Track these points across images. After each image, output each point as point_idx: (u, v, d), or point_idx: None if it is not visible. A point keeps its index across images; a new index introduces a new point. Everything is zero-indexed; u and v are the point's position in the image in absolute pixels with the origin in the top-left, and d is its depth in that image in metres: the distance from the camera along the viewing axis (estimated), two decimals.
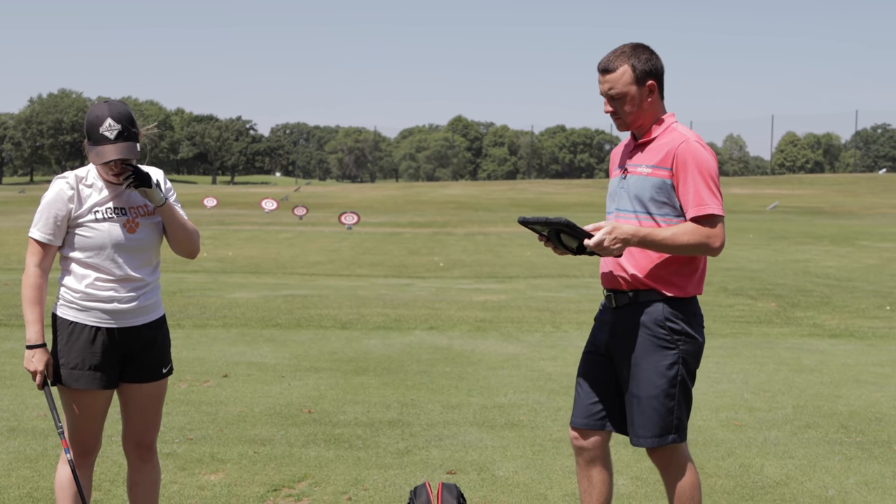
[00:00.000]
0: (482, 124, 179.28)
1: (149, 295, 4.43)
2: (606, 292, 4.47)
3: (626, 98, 4.28)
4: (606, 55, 4.34)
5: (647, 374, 4.26)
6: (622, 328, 4.35)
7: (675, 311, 4.28)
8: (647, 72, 4.28)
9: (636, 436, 4.34)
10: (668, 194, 4.24)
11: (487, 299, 15.45)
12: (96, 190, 4.34)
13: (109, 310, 4.32)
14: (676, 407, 4.29)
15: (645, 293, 4.29)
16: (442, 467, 6.29)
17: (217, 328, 11.91)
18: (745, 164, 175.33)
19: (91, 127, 4.21)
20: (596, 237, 4.07)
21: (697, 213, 4.17)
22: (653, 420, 4.27)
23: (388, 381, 8.90)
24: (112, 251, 4.30)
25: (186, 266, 19.91)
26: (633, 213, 4.30)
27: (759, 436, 7.15)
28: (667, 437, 4.28)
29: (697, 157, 4.19)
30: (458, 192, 78.87)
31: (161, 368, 4.53)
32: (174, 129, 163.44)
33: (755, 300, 15.64)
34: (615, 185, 4.46)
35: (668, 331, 4.26)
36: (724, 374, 9.38)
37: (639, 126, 4.37)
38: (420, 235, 33.74)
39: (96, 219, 4.30)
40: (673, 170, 4.21)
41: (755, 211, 55.78)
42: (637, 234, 4.12)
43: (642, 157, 4.33)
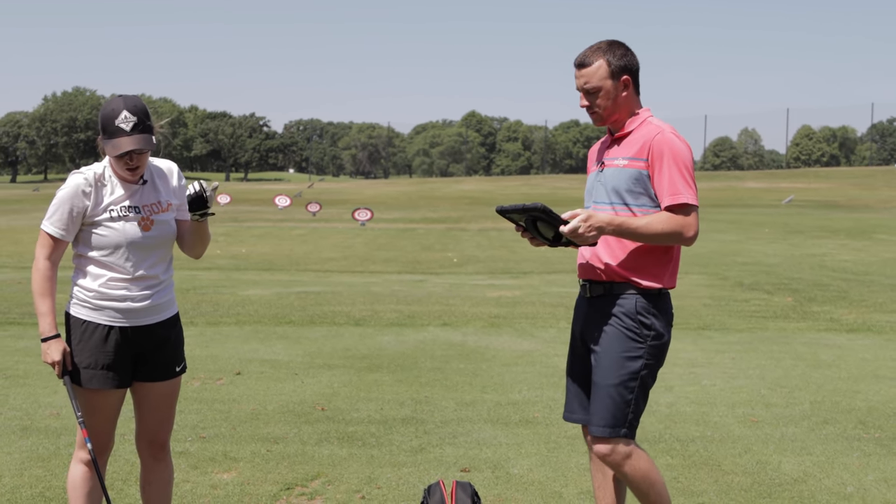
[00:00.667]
0: (496, 119, 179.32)
1: (162, 293, 4.40)
2: (582, 282, 4.47)
3: (601, 92, 4.33)
4: (582, 51, 4.39)
5: (610, 362, 4.27)
6: (594, 318, 4.37)
7: (648, 305, 4.28)
8: (623, 67, 4.32)
9: (591, 423, 4.31)
10: (644, 185, 4.26)
11: (501, 295, 15.38)
12: (111, 188, 4.31)
13: (123, 308, 4.28)
14: (633, 401, 4.27)
15: (619, 285, 4.31)
16: (456, 465, 6.24)
17: (230, 325, 11.88)
18: (760, 157, 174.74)
19: (106, 120, 4.18)
20: (571, 224, 4.08)
21: (672, 201, 4.20)
22: (609, 409, 4.25)
23: (401, 378, 8.85)
24: (127, 250, 4.27)
25: (200, 263, 19.87)
26: (609, 204, 4.32)
27: (776, 432, 7.08)
28: (619, 429, 4.24)
29: (672, 147, 4.23)
30: (471, 188, 78.85)
31: (174, 367, 4.50)
32: (188, 126, 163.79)
33: (771, 295, 15.53)
34: (592, 180, 4.51)
35: (639, 324, 4.27)
36: (741, 370, 9.30)
37: (614, 121, 4.41)
38: (434, 231, 33.70)
39: (111, 217, 4.26)
40: (649, 160, 4.24)
41: (771, 205, 55.59)
42: (612, 221, 4.15)
43: (619, 151, 4.37)
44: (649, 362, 4.29)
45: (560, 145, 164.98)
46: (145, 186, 4.37)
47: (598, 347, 4.32)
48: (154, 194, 4.39)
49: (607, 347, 4.28)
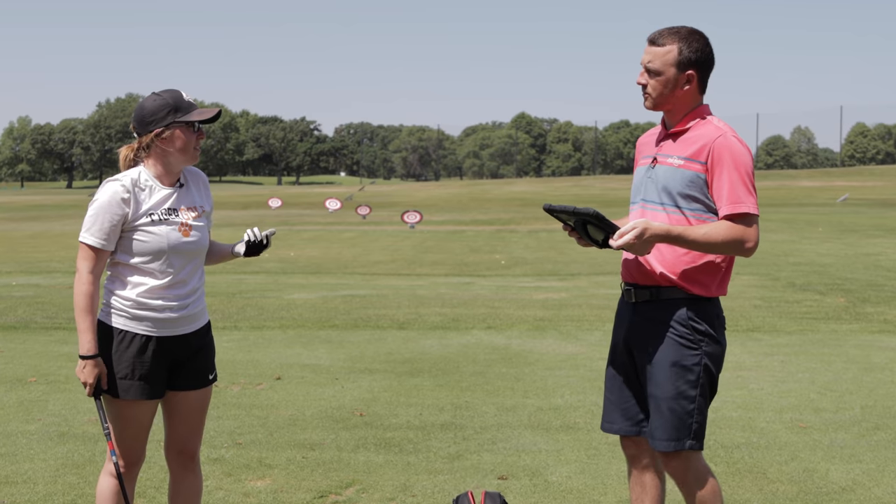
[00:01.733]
0: (546, 121, 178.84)
1: (197, 302, 4.34)
2: (625, 286, 4.26)
3: (661, 77, 4.08)
4: (661, 28, 4.15)
5: (665, 373, 4.07)
6: (642, 325, 4.17)
7: (699, 311, 4.08)
8: (693, 60, 4.08)
9: (653, 438, 4.13)
10: (699, 188, 4.04)
11: (548, 297, 15.23)
12: (150, 192, 4.24)
13: (161, 318, 4.21)
14: (696, 411, 4.08)
15: (667, 290, 4.10)
16: (493, 472, 6.13)
17: (274, 330, 11.85)
18: (813, 156, 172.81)
19: (176, 100, 4.20)
20: (625, 238, 3.87)
21: (732, 210, 3.97)
22: (671, 422, 4.07)
23: (442, 382, 8.75)
24: (168, 256, 4.20)
25: (247, 267, 19.95)
26: (660, 205, 4.11)
27: (824, 438, 6.88)
28: (684, 441, 4.07)
29: (734, 152, 4.00)
30: (522, 189, 78.65)
31: (207, 375, 4.43)
32: (239, 131, 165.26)
33: (824, 295, 15.23)
34: (642, 175, 4.26)
35: (692, 330, 4.07)
36: (790, 374, 9.08)
37: (668, 110, 4.18)
38: (483, 233, 33.57)
39: (153, 221, 4.19)
40: (707, 164, 4.00)
41: (825, 203, 54.82)
42: (670, 232, 3.93)
43: (673, 148, 4.13)
44: (707, 368, 4.10)
45: (611, 146, 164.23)
46: (182, 189, 4.32)
47: (649, 357, 4.13)
48: (191, 198, 4.34)
49: (661, 357, 4.09)
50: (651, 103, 4.16)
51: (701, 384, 4.08)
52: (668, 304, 4.09)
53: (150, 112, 4.20)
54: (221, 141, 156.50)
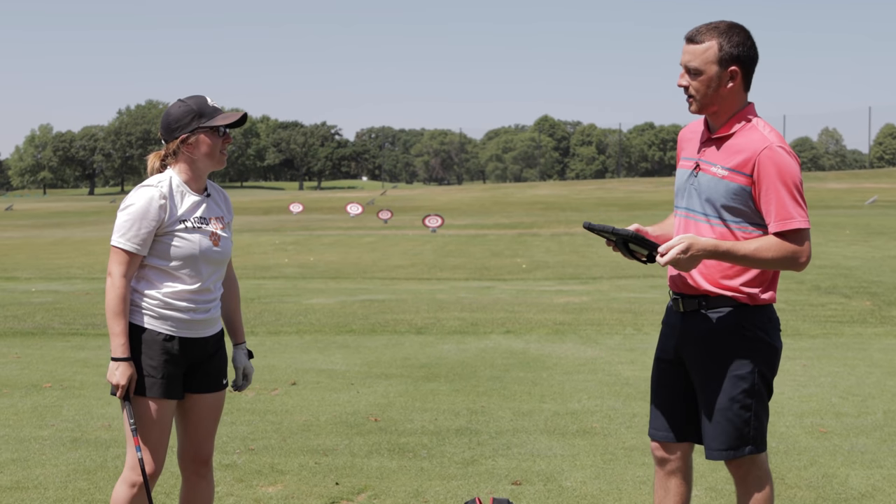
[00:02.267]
0: (569, 123, 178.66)
1: (216, 307, 4.40)
2: (674, 295, 4.16)
3: (703, 76, 3.92)
4: (698, 26, 3.99)
5: (721, 383, 3.99)
6: (693, 334, 4.07)
7: (748, 318, 3.98)
8: (735, 56, 3.91)
9: (709, 448, 4.06)
10: (744, 201, 3.91)
11: (568, 301, 15.13)
12: (181, 199, 4.26)
13: (186, 319, 4.24)
14: (753, 418, 4.01)
15: (715, 299, 4.00)
16: (507, 478, 6.05)
17: (290, 335, 11.81)
18: (842, 157, 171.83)
19: (200, 106, 4.23)
20: (669, 255, 3.79)
21: (783, 227, 3.85)
22: (727, 432, 4.00)
23: (458, 387, 8.67)
24: (199, 262, 4.24)
25: (266, 272, 19.95)
26: (703, 215, 3.99)
27: (845, 443, 6.75)
28: (743, 448, 4.00)
29: (781, 165, 3.84)
30: (545, 193, 78.56)
31: (222, 379, 4.45)
32: (260, 137, 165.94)
33: (849, 299, 15.06)
34: (684, 180, 4.12)
35: (743, 338, 3.97)
36: (812, 378, 8.95)
37: (712, 112, 4.00)
38: (504, 237, 33.49)
39: (187, 228, 4.22)
40: (753, 177, 3.86)
41: (853, 206, 54.46)
42: (718, 247, 3.82)
43: (717, 156, 3.97)
44: (762, 374, 4.02)
45: (635, 148, 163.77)
46: (209, 199, 4.37)
47: (701, 367, 4.05)
48: (218, 209, 4.40)
49: (713, 367, 4.01)
50: (697, 106, 4.00)
51: (756, 391, 4.01)
52: (717, 314, 4.01)
53: (176, 118, 4.24)
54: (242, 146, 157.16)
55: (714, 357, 4.01)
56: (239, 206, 74.38)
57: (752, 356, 3.99)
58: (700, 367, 4.06)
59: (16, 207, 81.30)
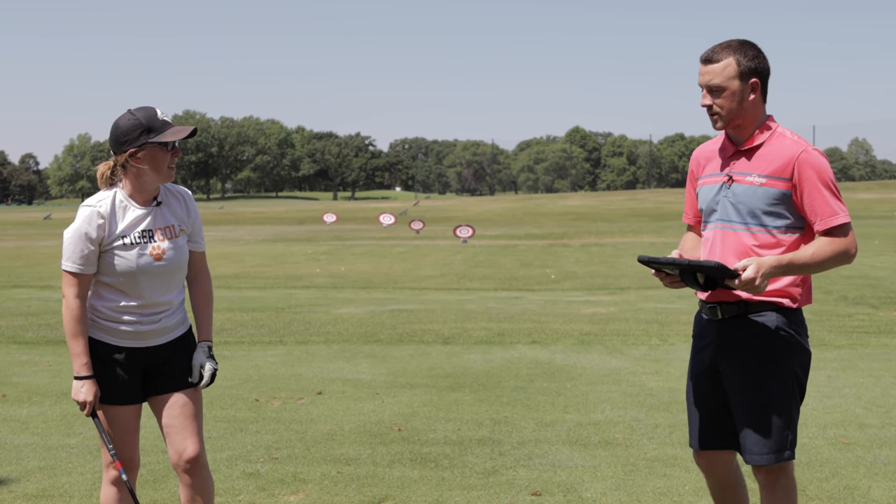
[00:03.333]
0: (600, 134, 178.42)
1: (171, 316, 4.43)
2: (710, 305, 4.20)
3: (726, 92, 4.04)
4: (711, 47, 4.12)
5: (762, 388, 4.06)
6: (732, 341, 4.14)
7: (787, 322, 4.08)
8: (753, 69, 4.05)
9: (751, 453, 4.09)
10: (784, 205, 4.03)
11: (595, 312, 15.14)
12: (124, 213, 4.32)
13: (131, 332, 4.33)
14: (792, 422, 4.09)
15: (756, 305, 4.07)
16: (528, 488, 6.08)
17: (318, 344, 11.88)
18: (871, 168, 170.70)
19: (149, 120, 4.24)
20: (746, 275, 3.82)
21: (830, 224, 4.00)
22: (769, 436, 4.05)
23: (483, 397, 8.71)
24: (139, 278, 4.30)
25: (297, 282, 20.07)
26: (743, 224, 4.07)
27: (868, 455, 6.74)
28: (783, 453, 4.07)
29: (819, 166, 4.00)
30: (577, 203, 78.43)
31: (186, 377, 4.46)
32: (295, 147, 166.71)
33: (876, 309, 14.98)
34: (714, 194, 4.19)
35: (783, 342, 4.06)
36: (836, 389, 8.92)
37: (737, 126, 4.11)
38: (534, 248, 33.48)
39: (124, 245, 4.28)
40: (794, 181, 3.99)
41: (883, 216, 54.05)
42: (780, 263, 3.91)
43: (751, 166, 4.07)
44: (799, 378, 4.11)
45: (665, 159, 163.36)
46: (159, 208, 4.40)
47: (741, 373, 4.11)
48: (168, 217, 4.41)
49: (754, 371, 4.08)
50: (723, 122, 4.11)
51: (794, 395, 4.10)
52: (758, 318, 4.08)
53: (124, 132, 4.25)
54: (277, 157, 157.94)
55: (756, 361, 4.08)
56: (273, 216, 74.73)
57: (792, 359, 4.08)
58: (740, 373, 4.11)
59: (54, 217, 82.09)
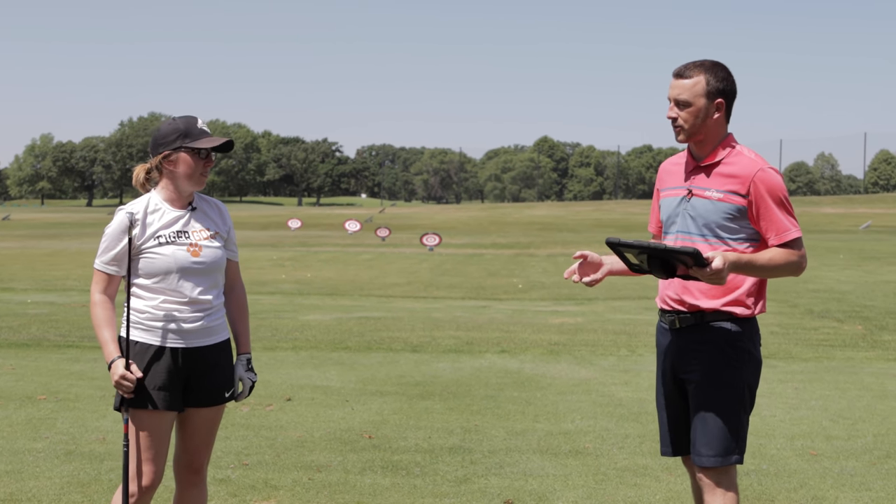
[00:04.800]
0: (568, 145, 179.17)
1: (213, 316, 4.42)
2: (668, 314, 4.37)
3: (692, 108, 4.23)
4: (685, 63, 4.32)
5: (713, 392, 4.23)
6: (688, 349, 4.31)
7: (741, 331, 4.25)
8: (720, 90, 4.24)
9: (699, 454, 4.25)
10: (741, 219, 4.21)
11: (563, 322, 15.18)
12: (160, 215, 4.37)
13: (174, 329, 4.31)
14: (740, 428, 4.25)
15: (711, 314, 4.23)
16: (500, 496, 6.09)
17: (286, 351, 11.84)
18: (837, 182, 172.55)
19: (188, 126, 4.33)
20: (716, 265, 3.86)
21: (784, 239, 4.18)
22: (718, 439, 4.21)
23: (453, 405, 8.71)
24: (178, 275, 4.31)
25: (263, 288, 19.98)
26: (701, 236, 4.25)
27: (835, 466, 6.80)
28: (729, 457, 4.23)
29: (774, 185, 4.18)
30: (543, 213, 78.60)
31: (224, 392, 4.48)
32: (261, 152, 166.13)
33: (841, 323, 15.12)
34: (675, 205, 4.38)
35: (736, 349, 4.24)
36: (803, 401, 9.00)
37: (698, 141, 4.30)
38: (501, 257, 33.52)
39: (160, 243, 4.31)
40: (749, 197, 4.18)
41: (847, 231, 54.58)
42: (741, 260, 4.06)
43: (709, 181, 4.27)
44: (750, 386, 4.29)
45: (633, 170, 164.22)
46: (194, 213, 4.44)
47: (697, 378, 4.28)
48: (203, 221, 4.45)
49: (708, 378, 4.25)
50: (685, 135, 4.29)
51: (745, 402, 4.27)
52: (713, 327, 4.24)
53: (163, 135, 4.35)
54: (243, 161, 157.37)
55: (711, 369, 4.25)
56: (237, 221, 74.32)
57: (743, 368, 4.25)
58: (695, 379, 4.28)
59: (13, 217, 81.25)
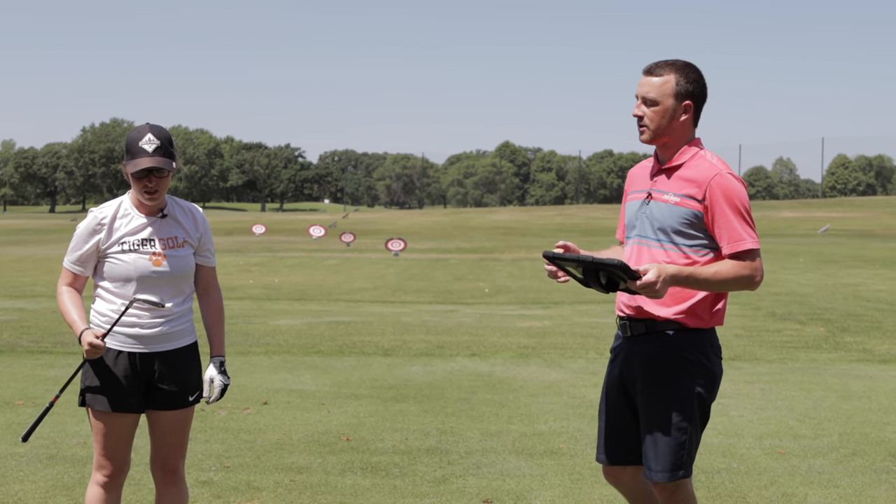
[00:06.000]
0: (530, 150, 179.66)
1: (174, 323, 4.47)
2: (621, 320, 4.32)
3: (658, 107, 4.14)
4: (656, 61, 4.22)
5: (661, 406, 4.14)
6: (637, 358, 4.23)
7: (693, 342, 4.15)
8: (689, 91, 4.15)
9: (648, 469, 4.20)
10: (696, 225, 4.10)
11: (531, 325, 15.35)
12: (128, 221, 4.42)
13: (133, 334, 4.38)
14: (688, 442, 4.14)
15: (662, 323, 4.16)
16: (479, 496, 6.23)
17: (259, 355, 11.92)
18: (795, 186, 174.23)
19: (131, 142, 4.33)
20: (646, 279, 3.85)
21: (735, 249, 4.05)
22: (664, 454, 4.13)
23: (427, 408, 8.85)
24: (137, 283, 4.37)
25: (231, 293, 20.00)
26: (657, 241, 4.17)
27: (803, 464, 7.01)
28: (677, 472, 4.13)
29: (731, 191, 4.06)
30: (506, 218, 78.80)
31: (187, 396, 4.54)
32: (224, 157, 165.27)
33: (804, 325, 15.41)
34: (635, 210, 4.32)
35: (684, 362, 4.13)
36: (769, 401, 9.22)
37: (663, 143, 4.21)
38: (466, 261, 33.68)
39: (122, 250, 4.38)
40: (706, 203, 4.07)
41: (806, 234, 55.20)
42: (681, 273, 3.96)
43: (669, 185, 4.18)
44: (700, 399, 4.16)
45: (594, 175, 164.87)
46: (164, 220, 4.48)
47: (643, 390, 4.20)
48: (172, 229, 4.49)
49: (654, 390, 4.16)
50: (649, 136, 4.19)
51: (693, 415, 4.14)
52: (662, 337, 4.15)
53: (125, 143, 4.40)
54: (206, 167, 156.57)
55: (656, 380, 4.16)
56: None
57: (693, 380, 4.14)
58: (642, 390, 4.21)
59: None
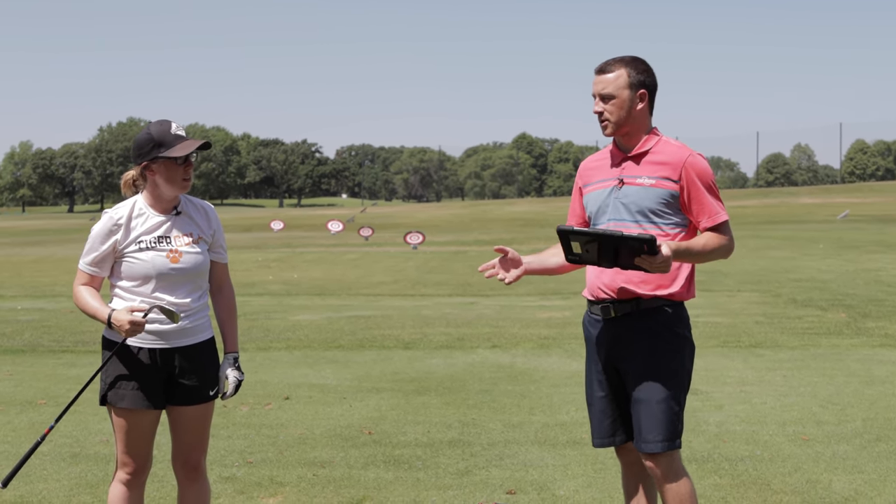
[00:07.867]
0: (546, 141, 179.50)
1: (193, 318, 4.48)
2: (602, 303, 4.42)
3: (616, 100, 4.35)
4: (606, 60, 4.44)
5: (655, 377, 4.29)
6: (626, 338, 4.37)
7: (677, 316, 4.36)
8: (642, 81, 4.38)
9: (646, 441, 4.29)
10: (673, 204, 4.33)
11: (551, 316, 15.34)
12: (143, 220, 4.43)
13: (153, 330, 4.38)
14: (680, 412, 4.34)
15: (648, 300, 4.33)
16: (502, 487, 6.22)
17: (280, 350, 11.95)
18: (814, 173, 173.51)
19: (162, 134, 4.34)
20: (666, 252, 3.94)
21: (715, 221, 4.32)
22: (663, 424, 4.27)
23: (449, 400, 8.85)
24: (156, 280, 4.38)
25: (251, 289, 20.06)
26: (634, 222, 4.34)
27: (827, 450, 6.97)
28: (675, 441, 4.29)
29: (703, 170, 4.33)
30: (524, 210, 78.81)
31: (207, 391, 4.55)
32: (241, 154, 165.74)
33: (825, 311, 15.33)
34: (605, 197, 4.44)
35: (673, 336, 4.34)
36: (792, 388, 9.18)
37: (625, 133, 4.41)
38: (485, 253, 33.64)
39: (140, 248, 4.38)
40: (681, 182, 4.30)
41: (825, 220, 54.96)
42: (679, 247, 4.17)
43: (640, 170, 4.38)
44: (688, 370, 4.40)
45: None
46: (178, 217, 4.49)
47: (637, 366, 4.33)
48: (187, 226, 4.51)
49: (649, 364, 4.30)
50: (612, 128, 4.41)
51: (684, 386, 4.37)
52: (650, 313, 4.34)
53: (139, 146, 4.40)
54: (223, 164, 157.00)
55: (650, 355, 4.31)
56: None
57: (681, 352, 4.36)
58: (635, 367, 4.34)
59: None
